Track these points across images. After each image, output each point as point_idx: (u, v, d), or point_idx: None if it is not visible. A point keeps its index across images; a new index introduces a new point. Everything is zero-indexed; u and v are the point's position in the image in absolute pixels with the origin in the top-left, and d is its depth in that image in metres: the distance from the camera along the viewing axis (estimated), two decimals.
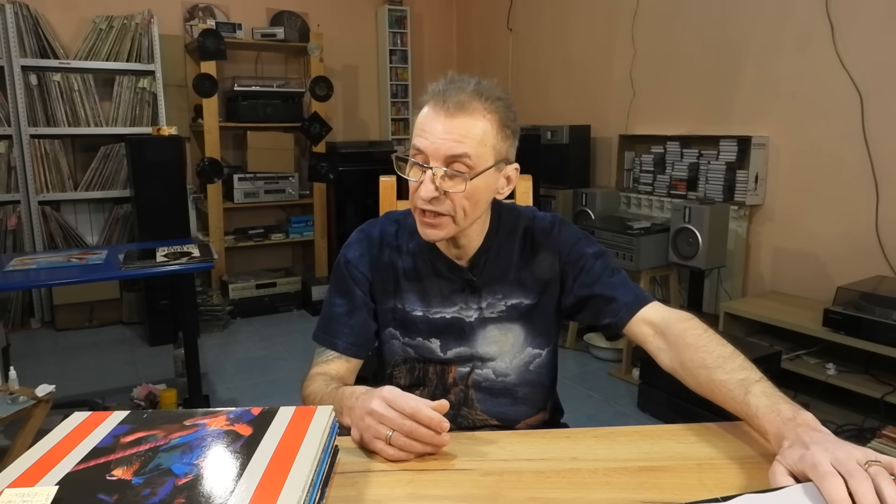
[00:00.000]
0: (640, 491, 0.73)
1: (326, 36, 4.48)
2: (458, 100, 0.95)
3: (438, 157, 0.95)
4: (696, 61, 3.37)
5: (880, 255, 2.63)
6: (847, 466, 0.63)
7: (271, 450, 0.69)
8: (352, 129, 5.04)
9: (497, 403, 1.11)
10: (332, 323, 1.11)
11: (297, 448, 0.69)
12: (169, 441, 0.71)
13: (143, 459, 0.68)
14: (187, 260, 2.43)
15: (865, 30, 2.63)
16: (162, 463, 0.67)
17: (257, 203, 4.41)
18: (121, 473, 0.65)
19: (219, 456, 0.68)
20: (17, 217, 3.83)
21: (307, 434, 0.72)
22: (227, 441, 0.71)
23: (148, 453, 0.69)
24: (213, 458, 0.67)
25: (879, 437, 2.03)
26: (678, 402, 2.54)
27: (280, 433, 0.72)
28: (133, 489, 0.62)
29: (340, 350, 1.09)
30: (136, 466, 0.66)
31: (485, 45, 5.05)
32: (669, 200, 3.33)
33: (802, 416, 0.74)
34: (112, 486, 0.63)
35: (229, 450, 0.69)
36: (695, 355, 0.91)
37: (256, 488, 0.61)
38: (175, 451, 0.69)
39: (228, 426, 0.74)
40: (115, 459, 0.68)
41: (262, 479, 0.63)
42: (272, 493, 0.61)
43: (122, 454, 0.69)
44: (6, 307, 3.86)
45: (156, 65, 4.02)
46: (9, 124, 3.75)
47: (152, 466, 0.66)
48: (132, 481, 0.64)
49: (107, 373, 3.25)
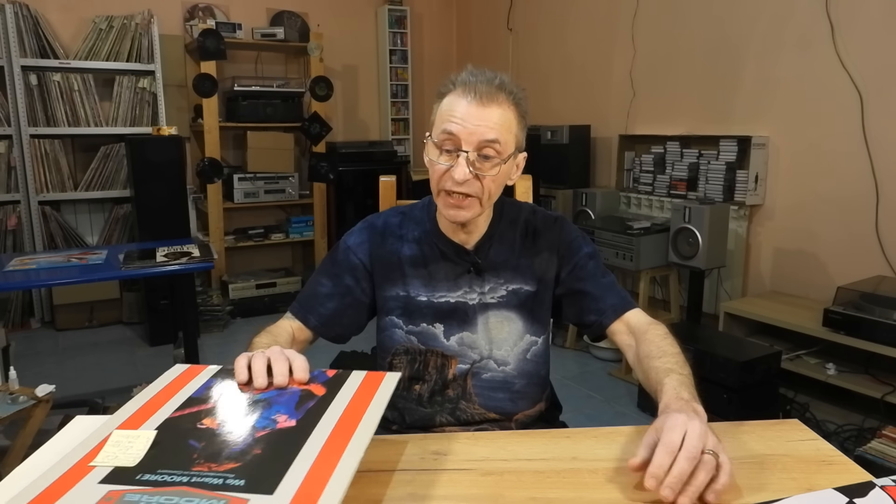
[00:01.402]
0: (640, 491, 0.73)
1: (326, 36, 4.48)
2: (488, 90, 1.02)
3: (471, 143, 1.01)
4: (696, 61, 3.37)
5: (880, 255, 2.63)
6: (688, 443, 0.70)
7: (341, 410, 0.75)
8: (352, 129, 5.04)
9: (495, 398, 1.12)
10: (312, 300, 1.15)
11: (363, 410, 0.76)
12: (253, 396, 0.79)
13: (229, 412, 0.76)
14: (187, 260, 2.43)
15: (865, 30, 2.63)
16: (245, 416, 0.75)
17: (257, 203, 4.41)
18: (209, 423, 0.73)
19: (294, 413, 0.75)
20: (17, 217, 3.83)
21: (374, 397, 0.79)
22: (302, 400, 0.78)
23: (233, 406, 0.77)
24: (288, 415, 0.75)
25: (879, 437, 2.02)
26: None
27: (350, 395, 0.79)
28: (218, 437, 0.71)
29: (310, 326, 1.14)
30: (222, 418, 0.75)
31: (485, 45, 5.05)
32: (669, 200, 3.33)
33: (695, 404, 0.80)
34: (201, 433, 0.71)
35: (303, 408, 0.76)
36: (647, 348, 1.00)
37: (324, 445, 0.68)
38: (257, 406, 0.77)
39: (304, 386, 0.82)
40: (205, 410, 0.76)
41: (329, 437, 0.70)
42: (337, 450, 0.67)
43: (212, 406, 0.77)
44: (6, 307, 3.86)
45: (156, 65, 4.01)
46: (9, 124, 3.75)
47: (236, 419, 0.74)
48: (217, 430, 0.72)
49: (107, 373, 3.25)
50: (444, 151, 1.03)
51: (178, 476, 0.64)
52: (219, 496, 0.61)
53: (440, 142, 1.03)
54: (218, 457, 0.67)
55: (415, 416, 1.13)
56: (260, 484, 0.62)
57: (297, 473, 0.64)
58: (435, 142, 1.04)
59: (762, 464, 0.79)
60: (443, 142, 1.02)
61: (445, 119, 1.02)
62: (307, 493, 0.61)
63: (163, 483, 0.63)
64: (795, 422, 0.93)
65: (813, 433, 0.88)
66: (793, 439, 0.87)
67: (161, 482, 0.63)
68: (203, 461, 0.66)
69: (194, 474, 0.64)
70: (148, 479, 0.64)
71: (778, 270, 3.05)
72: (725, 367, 2.39)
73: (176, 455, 0.68)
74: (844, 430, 2.44)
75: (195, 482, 0.63)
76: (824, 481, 0.75)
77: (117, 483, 0.63)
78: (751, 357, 2.41)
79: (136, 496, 0.61)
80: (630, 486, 0.74)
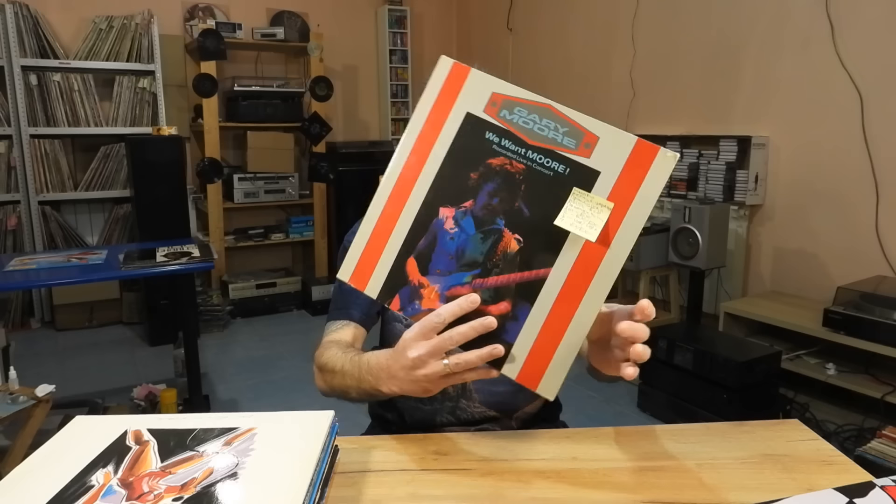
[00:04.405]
0: (640, 491, 0.73)
1: (326, 36, 4.48)
2: None
3: None
4: (696, 61, 3.37)
5: (880, 255, 2.63)
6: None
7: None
8: (352, 129, 5.04)
9: (495, 393, 1.12)
10: (345, 297, 1.14)
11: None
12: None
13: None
14: (187, 260, 2.43)
15: (865, 30, 2.63)
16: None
17: (257, 203, 4.41)
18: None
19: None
20: (17, 217, 3.83)
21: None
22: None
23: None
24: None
25: (879, 437, 2.02)
26: (678, 402, 2.54)
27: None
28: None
29: (356, 319, 1.12)
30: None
31: (485, 45, 5.05)
32: (669, 200, 3.33)
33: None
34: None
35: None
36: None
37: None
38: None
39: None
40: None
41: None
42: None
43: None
44: (6, 307, 3.86)
45: (156, 65, 4.01)
46: (9, 124, 3.75)
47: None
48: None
49: (107, 373, 3.25)
50: None
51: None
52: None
53: None
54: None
55: (415, 415, 1.13)
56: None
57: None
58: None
59: (762, 464, 0.79)
60: None
61: None
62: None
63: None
64: (795, 422, 0.93)
65: (813, 433, 0.88)
66: (793, 439, 0.87)
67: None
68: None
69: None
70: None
71: (778, 270, 3.05)
72: (725, 367, 2.39)
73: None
74: (844, 430, 2.44)
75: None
76: (824, 481, 0.75)
77: None
78: (751, 357, 2.41)
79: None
80: (630, 486, 0.74)
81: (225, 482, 0.65)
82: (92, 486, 0.65)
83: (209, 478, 0.66)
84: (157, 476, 0.67)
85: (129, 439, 0.74)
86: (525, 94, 0.73)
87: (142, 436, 0.75)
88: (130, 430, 0.76)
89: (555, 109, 0.73)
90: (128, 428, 0.77)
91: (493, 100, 0.74)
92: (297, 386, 3.05)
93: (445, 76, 0.75)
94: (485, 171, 0.74)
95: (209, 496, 0.63)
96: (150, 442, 0.74)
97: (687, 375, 2.51)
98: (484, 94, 0.74)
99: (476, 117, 0.74)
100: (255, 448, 0.71)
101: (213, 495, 0.63)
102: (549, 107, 0.73)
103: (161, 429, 0.76)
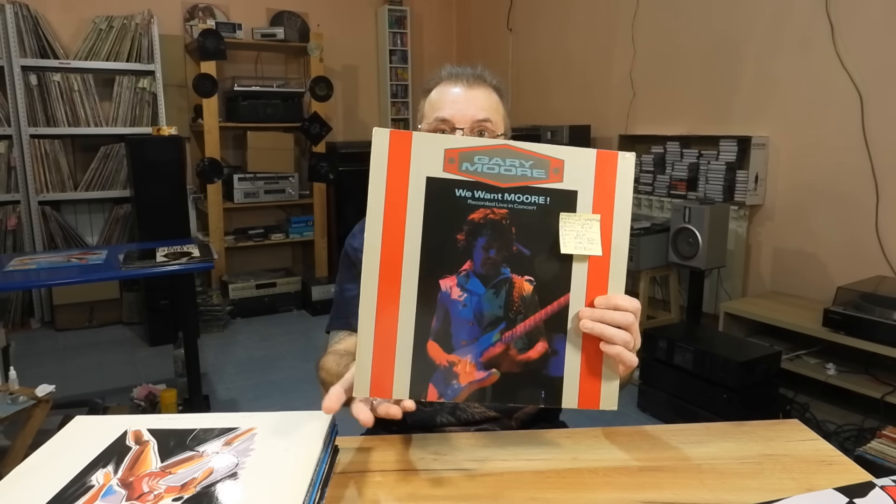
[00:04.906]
0: (640, 491, 0.73)
1: (326, 36, 4.48)
2: (472, 78, 1.08)
3: (465, 123, 1.04)
4: (696, 61, 3.37)
5: (880, 255, 2.63)
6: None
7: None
8: (352, 129, 5.04)
9: None
10: (345, 305, 1.14)
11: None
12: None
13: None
14: (187, 260, 2.43)
15: (865, 30, 2.63)
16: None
17: (257, 203, 4.41)
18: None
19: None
20: (17, 217, 3.83)
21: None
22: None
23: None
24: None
25: (879, 437, 2.02)
26: (678, 402, 2.54)
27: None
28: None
29: (356, 328, 1.11)
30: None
31: (485, 45, 5.05)
32: (669, 200, 3.33)
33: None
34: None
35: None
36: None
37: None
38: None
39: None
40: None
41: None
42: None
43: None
44: (6, 307, 3.86)
45: (156, 65, 4.01)
46: (9, 124, 3.75)
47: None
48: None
49: (107, 373, 3.25)
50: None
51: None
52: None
53: (433, 129, 1.05)
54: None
55: (415, 416, 1.12)
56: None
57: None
58: (427, 131, 1.06)
59: (762, 464, 0.79)
60: (436, 129, 1.05)
61: (437, 108, 1.06)
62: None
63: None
64: (795, 422, 0.92)
65: (813, 433, 0.88)
66: (793, 439, 0.87)
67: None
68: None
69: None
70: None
71: (778, 270, 3.05)
72: (725, 367, 2.39)
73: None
74: (844, 430, 2.44)
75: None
76: (824, 481, 0.75)
77: None
78: (751, 357, 2.41)
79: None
80: (630, 486, 0.74)
81: (225, 482, 0.65)
82: (92, 486, 0.65)
83: (209, 478, 0.66)
84: (157, 476, 0.67)
85: (129, 439, 0.74)
86: (478, 142, 0.73)
87: (142, 436, 0.75)
88: (130, 430, 0.76)
89: (513, 147, 0.73)
90: (128, 428, 0.76)
91: (449, 156, 0.72)
92: (297, 386, 3.05)
93: (387, 148, 0.71)
94: (470, 229, 0.72)
95: (209, 496, 0.63)
96: (150, 442, 0.73)
97: (687, 375, 2.51)
98: (436, 153, 0.72)
99: (439, 179, 0.72)
100: (255, 448, 0.71)
101: (213, 495, 0.63)
102: (507, 146, 0.72)
103: (161, 429, 0.76)
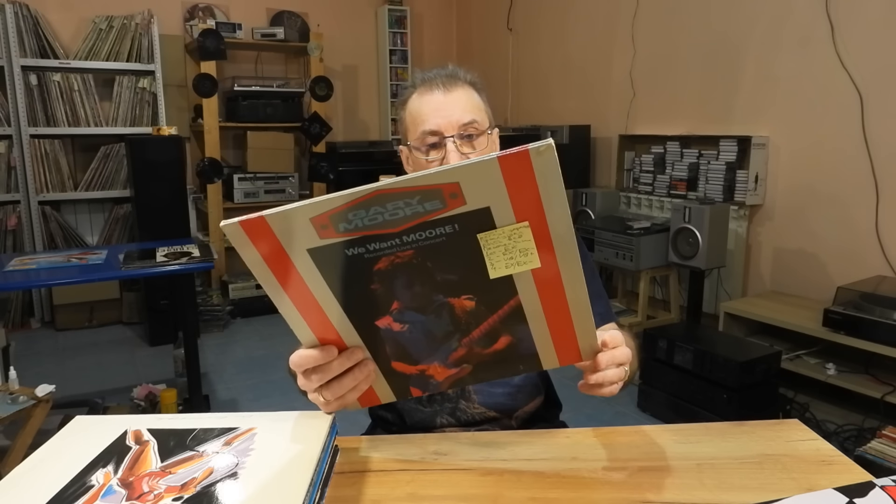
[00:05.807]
0: (640, 491, 0.73)
1: (326, 36, 4.48)
2: (446, 80, 1.06)
3: (452, 129, 1.03)
4: (696, 61, 3.37)
5: (880, 255, 2.63)
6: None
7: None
8: (352, 129, 5.04)
9: (494, 394, 1.11)
10: None
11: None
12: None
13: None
14: (187, 260, 2.43)
15: (865, 30, 2.63)
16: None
17: (257, 203, 4.41)
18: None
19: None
20: (17, 217, 3.83)
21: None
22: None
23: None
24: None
25: (879, 437, 2.02)
26: (678, 402, 2.54)
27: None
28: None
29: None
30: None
31: (485, 45, 5.05)
32: (669, 200, 3.33)
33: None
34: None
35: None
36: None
37: None
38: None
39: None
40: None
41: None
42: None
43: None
44: (6, 307, 3.86)
45: (156, 65, 4.01)
46: (9, 124, 3.75)
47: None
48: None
49: (107, 373, 3.25)
50: (430, 148, 1.05)
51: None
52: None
53: (422, 143, 1.05)
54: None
55: (415, 417, 1.13)
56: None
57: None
58: (417, 146, 1.06)
59: (762, 464, 0.79)
60: (425, 141, 1.05)
61: (420, 121, 1.05)
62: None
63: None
64: (795, 422, 0.92)
65: (813, 433, 0.88)
66: (793, 439, 0.87)
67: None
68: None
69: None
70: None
71: (778, 270, 3.05)
72: (725, 367, 2.39)
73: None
74: (844, 430, 2.44)
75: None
76: (824, 481, 0.75)
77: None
78: (751, 357, 2.41)
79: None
80: (630, 486, 0.74)
81: (225, 482, 0.65)
82: (92, 486, 0.65)
83: (209, 478, 0.66)
84: (157, 476, 0.67)
85: (129, 439, 0.74)
86: (344, 197, 0.59)
87: (142, 436, 0.75)
88: (130, 430, 0.76)
89: (387, 190, 0.58)
90: (128, 428, 0.77)
91: (319, 223, 0.60)
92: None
93: (249, 240, 0.61)
94: (381, 276, 0.65)
95: (209, 496, 0.63)
96: (150, 442, 0.74)
97: (687, 375, 2.51)
98: (302, 226, 0.60)
99: (320, 247, 0.62)
100: (255, 448, 0.71)
101: (213, 495, 0.63)
102: (379, 191, 0.58)
103: (161, 429, 0.76)
